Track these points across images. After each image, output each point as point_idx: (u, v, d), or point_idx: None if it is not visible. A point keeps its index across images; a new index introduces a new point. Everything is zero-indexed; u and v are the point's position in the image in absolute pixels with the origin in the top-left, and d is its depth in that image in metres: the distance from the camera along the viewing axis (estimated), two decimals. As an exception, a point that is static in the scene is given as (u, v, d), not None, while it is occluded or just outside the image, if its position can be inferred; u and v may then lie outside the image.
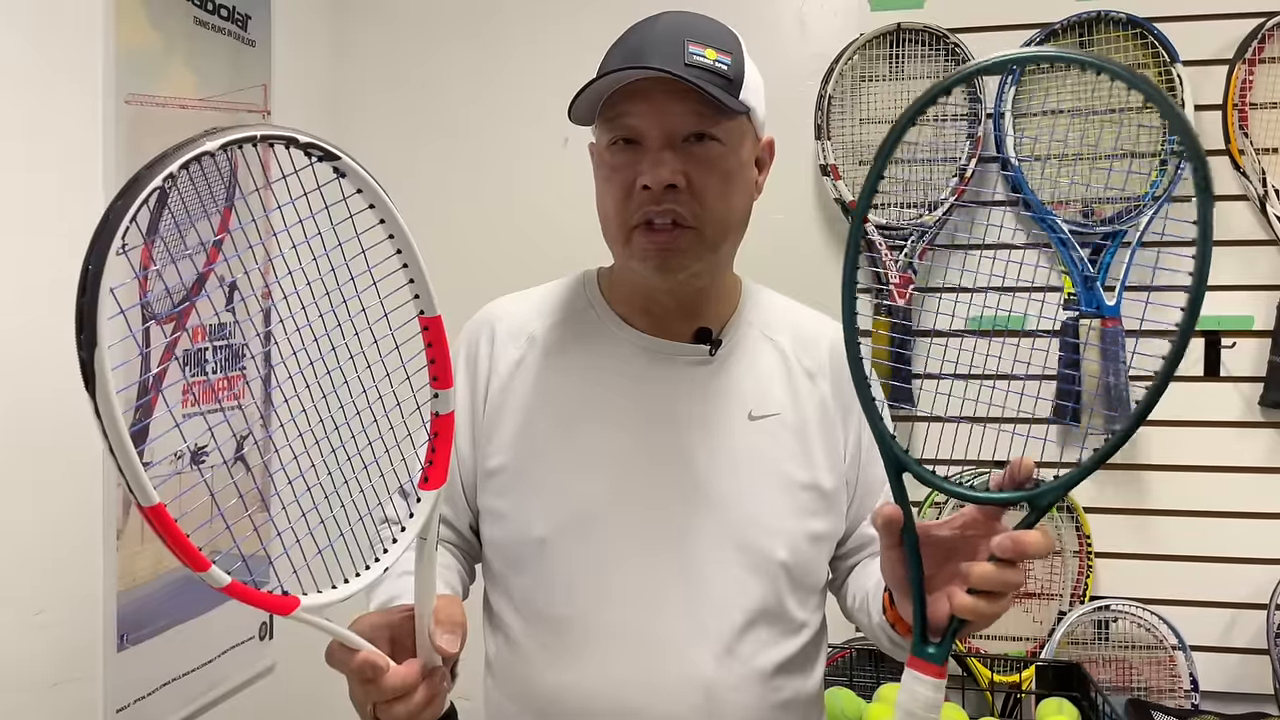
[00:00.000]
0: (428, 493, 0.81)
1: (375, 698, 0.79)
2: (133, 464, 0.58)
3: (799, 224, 2.10)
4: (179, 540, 0.61)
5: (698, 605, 1.02)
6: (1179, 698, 1.93)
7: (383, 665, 0.77)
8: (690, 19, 1.01)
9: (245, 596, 0.66)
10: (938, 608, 0.82)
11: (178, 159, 0.59)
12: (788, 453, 1.07)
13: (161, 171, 0.58)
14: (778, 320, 1.14)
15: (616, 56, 1.01)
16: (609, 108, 1.00)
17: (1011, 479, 0.80)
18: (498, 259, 2.15)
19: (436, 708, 0.81)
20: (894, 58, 2.04)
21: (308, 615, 0.72)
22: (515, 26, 2.23)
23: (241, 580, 0.66)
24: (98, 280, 0.55)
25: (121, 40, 1.51)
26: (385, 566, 0.79)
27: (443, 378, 0.81)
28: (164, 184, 0.58)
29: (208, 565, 0.63)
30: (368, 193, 0.73)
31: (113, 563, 1.50)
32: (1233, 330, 1.97)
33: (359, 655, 0.77)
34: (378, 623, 0.83)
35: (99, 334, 0.55)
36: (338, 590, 0.75)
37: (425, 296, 0.79)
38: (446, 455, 0.82)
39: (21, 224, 1.33)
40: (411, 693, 0.79)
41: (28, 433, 1.36)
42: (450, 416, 0.82)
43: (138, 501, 0.59)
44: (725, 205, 1.02)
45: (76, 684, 1.45)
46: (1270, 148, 1.94)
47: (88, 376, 0.56)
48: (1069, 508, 2.00)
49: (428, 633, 0.80)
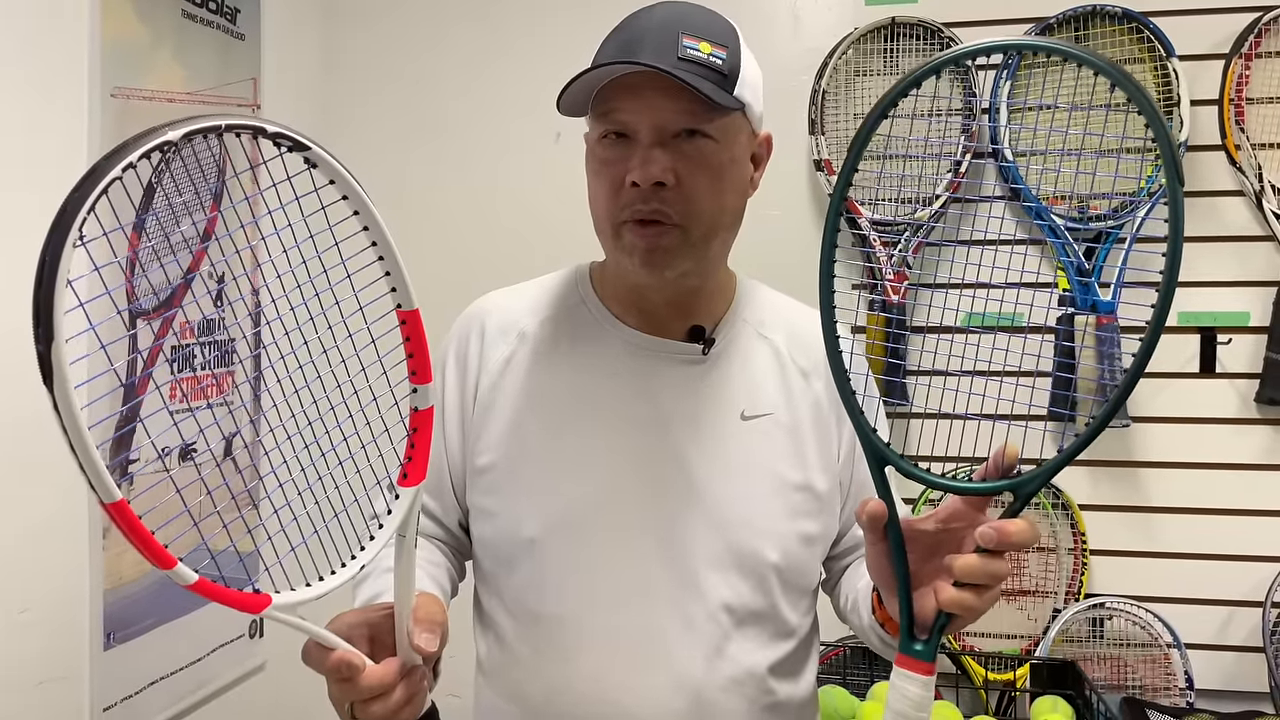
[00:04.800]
0: (406, 489, 0.80)
1: (352, 696, 0.78)
2: (92, 460, 0.57)
3: (793, 219, 2.10)
4: (142, 537, 0.60)
5: (688, 606, 1.01)
6: (1174, 695, 1.92)
7: (358, 664, 0.76)
8: (687, 10, 1.00)
9: (213, 594, 0.65)
10: (924, 603, 0.81)
11: (137, 148, 0.57)
12: (780, 453, 1.06)
13: (120, 161, 0.56)
14: (773, 318, 1.13)
15: (610, 48, 0.99)
16: (601, 101, 0.99)
17: (995, 468, 0.79)
18: (489, 253, 2.15)
19: (416, 707, 0.80)
20: (888, 52, 2.03)
21: (279, 614, 0.71)
22: (507, 20, 2.22)
23: (211, 578, 0.65)
24: (54, 272, 0.54)
25: (108, 33, 1.50)
26: (361, 565, 0.77)
27: (421, 372, 0.80)
28: (122, 174, 0.56)
29: (174, 562, 0.62)
30: (340, 184, 0.72)
31: (99, 560, 1.49)
32: (1228, 326, 1.96)
33: (334, 654, 0.76)
34: (355, 621, 0.82)
35: (56, 328, 0.54)
36: (312, 588, 0.74)
37: (402, 290, 0.77)
38: (426, 451, 0.81)
39: (5, 218, 1.32)
40: (389, 692, 0.78)
41: (12, 432, 1.35)
42: (429, 412, 0.81)
43: (100, 499, 0.58)
44: (715, 204, 1.00)
45: (62, 683, 1.44)
46: (1266, 143, 1.94)
47: (45, 371, 0.54)
48: (1064, 505, 2.00)
49: (406, 632, 0.79)
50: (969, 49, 0.77)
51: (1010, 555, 0.79)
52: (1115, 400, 0.74)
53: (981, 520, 0.80)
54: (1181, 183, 0.71)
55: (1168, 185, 0.70)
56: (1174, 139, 0.70)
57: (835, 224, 0.82)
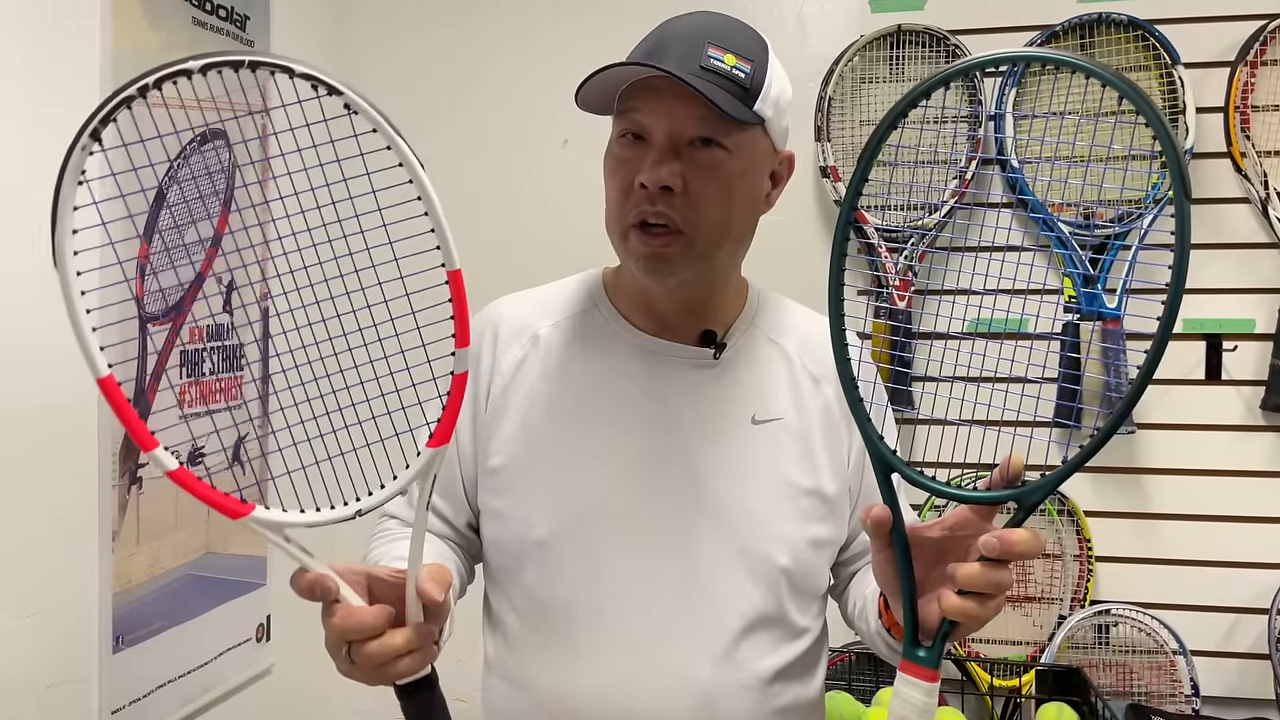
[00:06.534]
0: (430, 449, 0.79)
1: (339, 634, 0.78)
2: (83, 335, 0.68)
3: (798, 226, 2.10)
4: (128, 417, 0.65)
5: (697, 609, 1.02)
6: (1179, 703, 1.92)
7: (332, 587, 0.77)
8: (718, 21, 1.01)
9: (193, 489, 0.67)
10: (929, 610, 0.81)
11: (155, 74, 0.65)
12: (791, 458, 1.06)
13: (139, 83, 0.65)
14: (786, 325, 1.14)
15: (639, 50, 1.01)
16: (624, 100, 1.00)
17: (1002, 478, 0.79)
18: (500, 257, 2.14)
19: (416, 661, 0.79)
20: (894, 59, 2.04)
21: (259, 525, 0.72)
22: (516, 26, 2.23)
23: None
24: (63, 171, 0.67)
25: (119, 40, 1.51)
26: (359, 509, 0.77)
27: (461, 335, 0.77)
28: (138, 93, 0.66)
29: (154, 445, 0.65)
30: (382, 134, 0.71)
31: (108, 564, 1.50)
32: (1234, 333, 1.96)
33: (307, 575, 0.76)
34: (356, 569, 0.82)
35: (62, 216, 0.66)
36: (305, 515, 0.74)
37: (446, 249, 0.74)
38: (455, 415, 0.79)
39: (20, 223, 1.33)
40: (381, 634, 0.78)
41: (23, 433, 1.36)
42: (464, 377, 0.79)
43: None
44: (722, 214, 1.01)
45: (71, 686, 1.45)
46: (1272, 150, 1.94)
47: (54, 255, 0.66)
48: (1069, 511, 2.00)
49: (415, 581, 0.79)
50: (985, 59, 0.77)
51: (1015, 563, 0.79)
52: (1120, 411, 0.74)
53: (988, 529, 0.81)
54: (1189, 196, 0.71)
55: (1175, 199, 0.71)
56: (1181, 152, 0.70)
57: (845, 233, 0.83)
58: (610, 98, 1.01)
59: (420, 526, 0.80)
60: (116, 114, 0.68)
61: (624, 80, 0.98)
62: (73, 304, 0.68)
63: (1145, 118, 0.72)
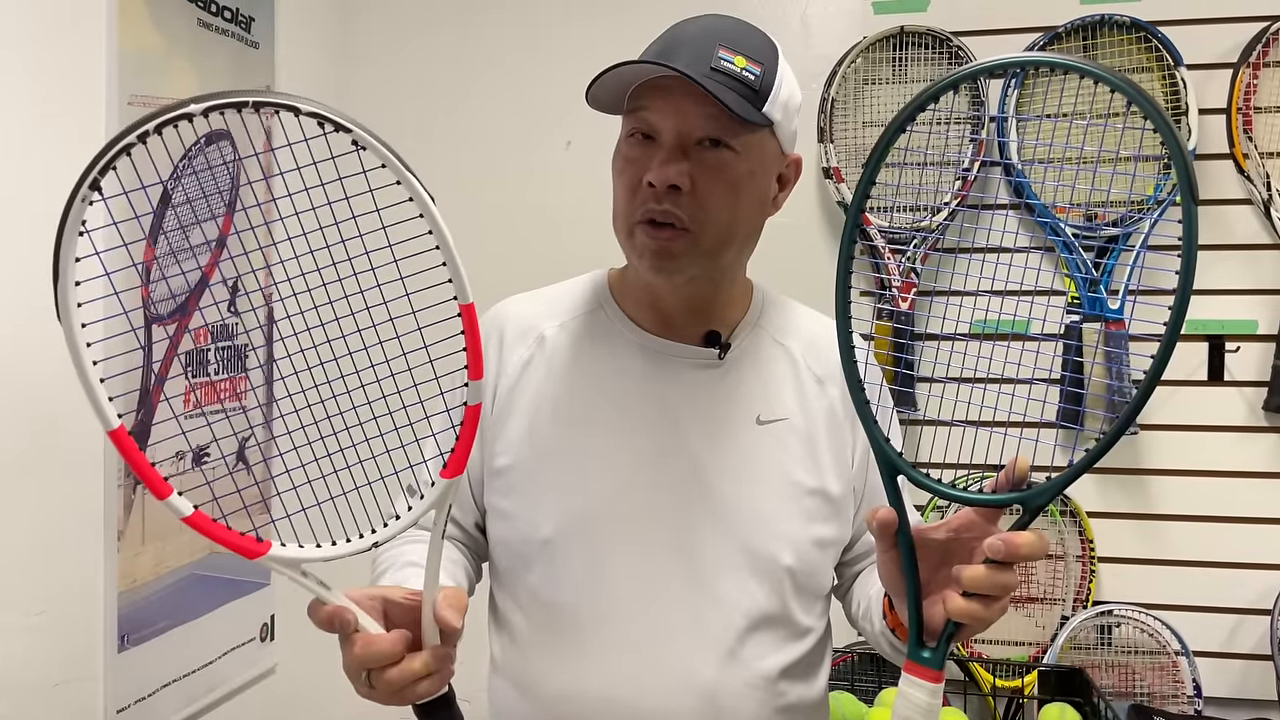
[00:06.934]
0: (444, 480, 0.80)
1: (358, 662, 0.78)
2: (92, 389, 0.67)
3: (801, 227, 2.10)
4: (141, 465, 0.64)
5: (701, 608, 1.02)
6: (1182, 703, 1.92)
7: (351, 620, 0.77)
8: (730, 24, 1.01)
9: (209, 532, 0.67)
10: (934, 611, 0.82)
11: (156, 120, 0.64)
12: (795, 458, 1.07)
13: (139, 129, 0.63)
14: (791, 326, 1.14)
15: (650, 51, 1.01)
16: (634, 99, 1.00)
17: (1007, 480, 0.80)
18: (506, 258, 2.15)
19: (434, 683, 0.81)
20: (897, 61, 2.04)
21: (276, 564, 0.72)
22: (520, 28, 2.23)
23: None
24: (63, 223, 0.65)
25: (124, 42, 1.52)
26: (375, 541, 0.78)
27: (474, 368, 0.79)
28: (138, 139, 0.64)
29: (169, 491, 0.65)
30: (392, 169, 0.72)
31: (113, 563, 1.50)
32: (1236, 335, 1.96)
33: (325, 608, 0.77)
34: (372, 594, 0.83)
35: (64, 269, 0.64)
36: (321, 549, 0.74)
37: (459, 282, 0.75)
38: (469, 446, 0.81)
39: (24, 225, 1.33)
40: (400, 660, 0.79)
41: (28, 432, 1.36)
42: (477, 408, 0.80)
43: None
44: (728, 214, 1.01)
45: (77, 685, 1.45)
46: (1274, 151, 1.94)
47: (57, 306, 0.65)
48: (1072, 512, 2.00)
49: (432, 605, 0.80)
50: (993, 64, 0.77)
51: (1019, 565, 0.80)
52: (1125, 416, 0.74)
53: (993, 531, 0.81)
54: (1196, 200, 0.71)
55: (1182, 202, 0.71)
56: (1189, 155, 0.71)
57: (852, 235, 0.83)
58: (620, 96, 1.01)
59: (435, 552, 0.81)
60: (116, 162, 0.68)
61: (634, 79, 0.98)
62: (79, 356, 0.66)
63: (1154, 124, 0.72)
